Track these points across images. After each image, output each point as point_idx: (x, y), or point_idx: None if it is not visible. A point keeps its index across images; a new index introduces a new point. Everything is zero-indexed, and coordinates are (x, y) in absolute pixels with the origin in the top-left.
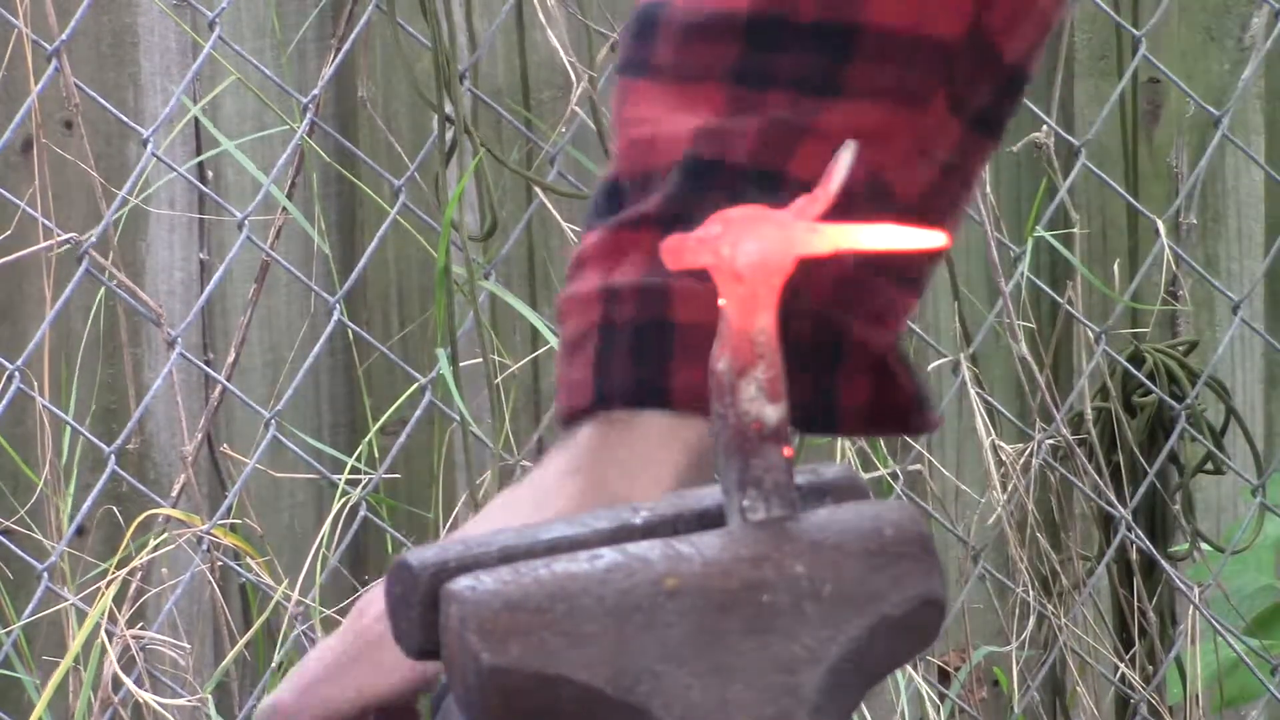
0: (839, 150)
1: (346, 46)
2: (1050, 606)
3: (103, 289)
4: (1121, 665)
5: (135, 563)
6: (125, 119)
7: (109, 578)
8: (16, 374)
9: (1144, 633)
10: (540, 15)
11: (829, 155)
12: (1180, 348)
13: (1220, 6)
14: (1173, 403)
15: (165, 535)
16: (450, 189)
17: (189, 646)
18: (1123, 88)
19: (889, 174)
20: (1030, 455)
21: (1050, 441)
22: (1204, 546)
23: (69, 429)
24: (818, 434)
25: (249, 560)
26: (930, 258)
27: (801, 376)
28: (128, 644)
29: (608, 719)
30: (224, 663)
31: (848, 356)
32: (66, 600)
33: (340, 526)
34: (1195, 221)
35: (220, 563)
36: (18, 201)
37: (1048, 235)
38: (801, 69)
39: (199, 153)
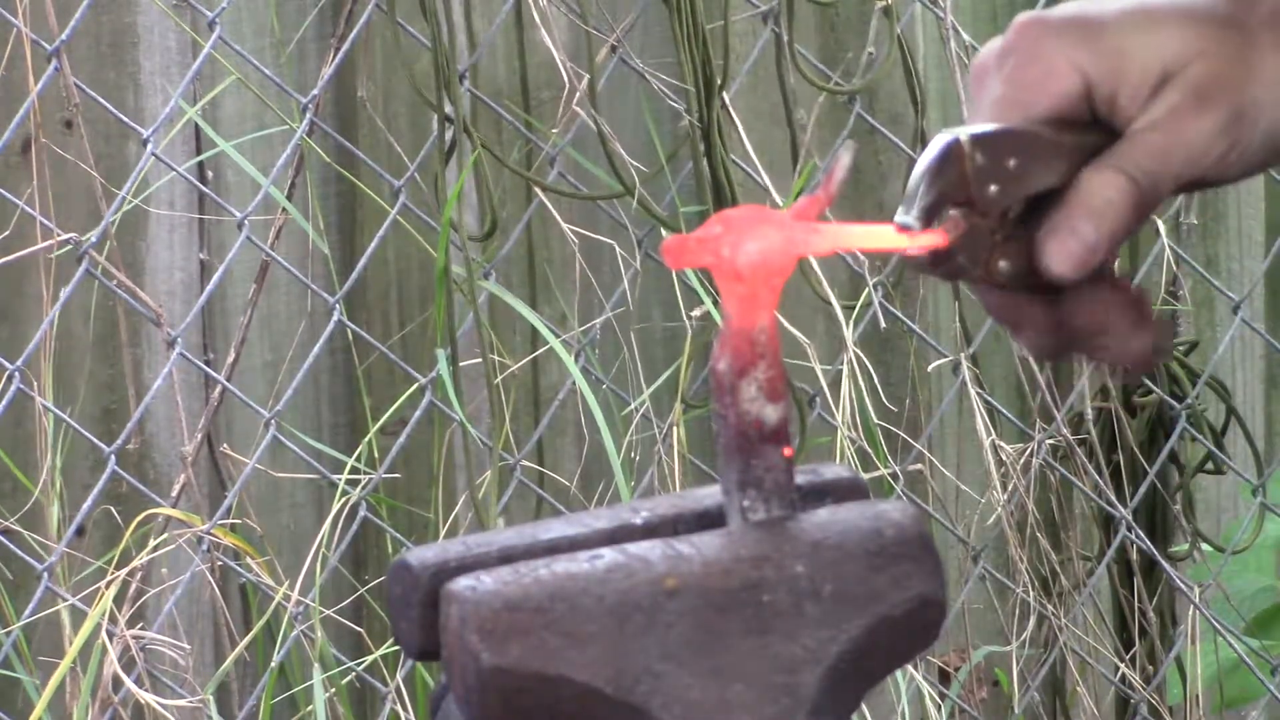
0: (840, 152)
1: (346, 46)
2: (1050, 606)
3: (102, 289)
4: (1121, 665)
5: (135, 563)
6: (125, 119)
7: (109, 578)
8: (16, 374)
9: (1144, 633)
10: (535, 16)
11: None
12: (1180, 348)
13: None
14: (1173, 403)
15: (165, 535)
16: (450, 189)
17: (189, 647)
18: None
19: None
20: (1030, 455)
21: (1050, 441)
22: (1204, 546)
23: (69, 429)
24: None
25: (249, 560)
26: None
27: None
28: (128, 644)
29: (608, 719)
30: (225, 664)
31: None
32: (66, 600)
33: (340, 526)
34: (1195, 221)
35: (220, 563)
36: (18, 201)
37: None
38: None
39: (199, 153)
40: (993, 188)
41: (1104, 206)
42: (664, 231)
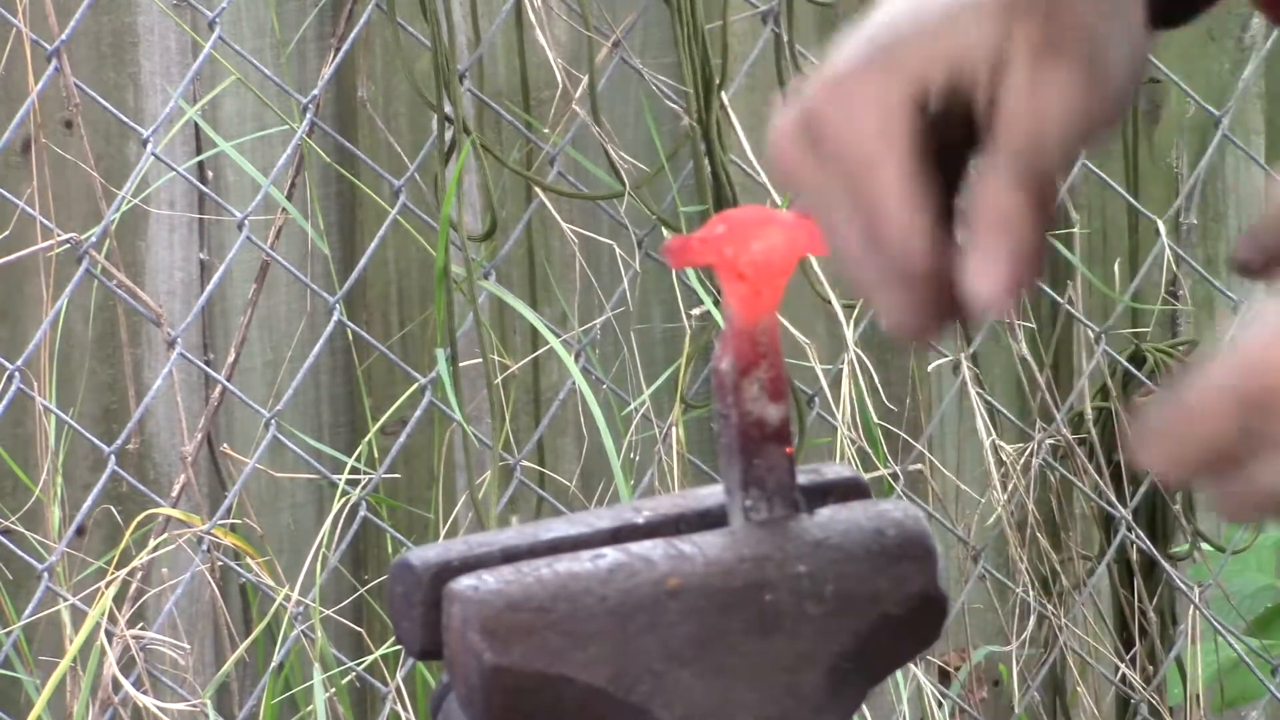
0: None
1: (346, 46)
2: (1050, 606)
3: (102, 289)
4: (1122, 665)
5: (135, 563)
6: (125, 119)
7: (109, 578)
8: (16, 374)
9: (1144, 633)
10: (531, 16)
11: None
12: (1180, 347)
13: (1220, 6)
14: None
15: (165, 535)
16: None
17: (189, 647)
18: None
19: None
20: (1030, 455)
21: (1050, 441)
22: (1204, 546)
23: (69, 429)
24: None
25: (249, 560)
26: None
27: None
28: (127, 644)
29: (610, 718)
30: (225, 667)
31: None
32: (66, 600)
33: (340, 526)
34: (1195, 221)
35: (220, 563)
36: (18, 201)
37: (1048, 235)
38: None
39: (199, 153)
40: None
41: (1008, 219)
42: (664, 231)
